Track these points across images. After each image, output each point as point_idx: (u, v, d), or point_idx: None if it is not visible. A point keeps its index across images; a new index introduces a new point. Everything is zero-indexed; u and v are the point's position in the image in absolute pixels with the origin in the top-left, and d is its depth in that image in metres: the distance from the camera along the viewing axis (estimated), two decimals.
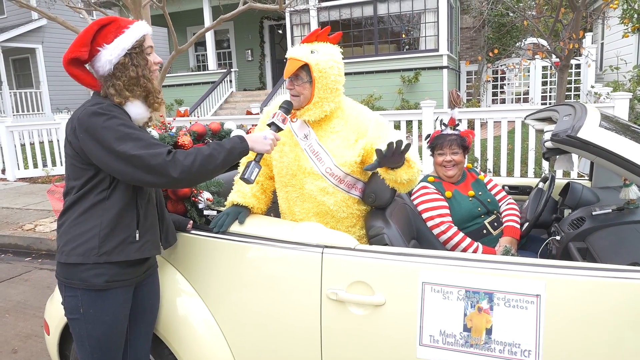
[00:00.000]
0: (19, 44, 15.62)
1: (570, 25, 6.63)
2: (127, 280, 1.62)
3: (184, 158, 1.48)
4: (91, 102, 1.56)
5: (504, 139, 5.78)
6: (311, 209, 1.96)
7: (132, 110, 1.59)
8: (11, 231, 5.61)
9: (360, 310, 1.61)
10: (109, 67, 1.55)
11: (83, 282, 1.55)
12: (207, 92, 13.16)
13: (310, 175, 1.93)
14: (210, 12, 13.62)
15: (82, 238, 1.54)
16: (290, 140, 1.98)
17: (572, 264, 1.47)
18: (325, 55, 1.87)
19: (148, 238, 1.65)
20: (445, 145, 2.45)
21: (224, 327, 1.84)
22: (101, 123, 1.48)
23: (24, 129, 8.85)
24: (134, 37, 1.57)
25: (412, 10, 12.04)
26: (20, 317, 3.62)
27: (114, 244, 1.55)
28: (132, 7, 5.94)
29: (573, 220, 2.08)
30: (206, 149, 1.53)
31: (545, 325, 1.41)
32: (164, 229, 1.79)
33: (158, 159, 1.45)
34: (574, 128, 1.58)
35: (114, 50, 1.54)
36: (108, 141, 1.46)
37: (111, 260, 1.55)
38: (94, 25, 1.57)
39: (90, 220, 1.54)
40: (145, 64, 1.60)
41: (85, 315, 1.58)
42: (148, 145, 1.48)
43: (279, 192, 2.06)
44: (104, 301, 1.58)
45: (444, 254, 1.61)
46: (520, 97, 13.07)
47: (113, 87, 1.56)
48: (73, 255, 1.54)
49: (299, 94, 1.90)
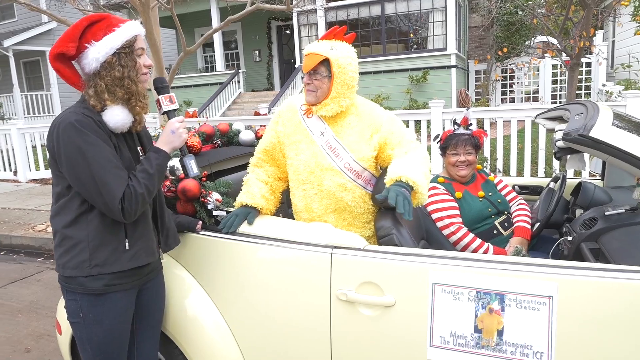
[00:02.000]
0: (29, 46, 15.79)
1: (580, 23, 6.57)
2: (126, 284, 1.60)
3: (129, 206, 1.48)
4: (73, 109, 1.51)
5: (513, 139, 5.74)
6: (329, 205, 1.97)
7: (110, 117, 1.52)
8: (23, 232, 5.67)
9: (370, 311, 1.61)
10: (95, 65, 1.50)
11: (81, 287, 1.54)
12: (215, 93, 13.22)
13: (328, 171, 1.94)
14: (217, 13, 13.67)
15: (73, 252, 1.52)
16: (306, 138, 1.99)
17: (585, 265, 1.45)
18: (344, 52, 1.92)
19: (140, 246, 1.62)
20: (460, 145, 2.42)
21: (233, 327, 1.85)
22: (73, 138, 1.44)
23: (35, 131, 8.95)
24: (124, 36, 1.52)
25: (420, 9, 11.99)
26: (32, 317, 3.66)
27: (105, 255, 1.53)
28: (140, 9, 5.97)
29: (585, 221, 2.05)
30: (139, 186, 1.50)
31: (558, 327, 1.40)
32: (164, 232, 1.76)
33: (111, 200, 1.45)
34: (586, 127, 1.57)
35: (102, 48, 1.48)
36: (75, 159, 1.44)
37: (104, 272, 1.53)
38: (84, 21, 1.51)
39: (77, 232, 1.52)
40: (134, 65, 1.55)
41: (85, 320, 1.57)
42: (109, 176, 1.45)
43: (294, 190, 2.05)
44: (103, 305, 1.56)
45: (454, 255, 1.60)
46: (530, 96, 12.96)
47: (94, 87, 1.51)
48: (68, 268, 1.53)
49: (316, 89, 1.93)
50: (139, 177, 1.52)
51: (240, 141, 2.78)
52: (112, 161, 1.48)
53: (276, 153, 2.10)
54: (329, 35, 1.97)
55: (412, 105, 11.39)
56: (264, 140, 2.13)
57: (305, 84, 1.96)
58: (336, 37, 1.97)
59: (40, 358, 3.06)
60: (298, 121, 2.02)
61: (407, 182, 1.75)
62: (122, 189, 1.46)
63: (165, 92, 1.71)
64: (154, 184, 1.55)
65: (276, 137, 2.08)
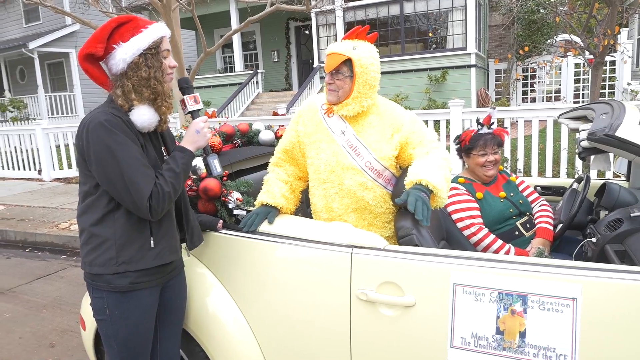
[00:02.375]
0: (53, 48, 16.14)
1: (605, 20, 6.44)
2: (151, 281, 1.63)
3: (156, 204, 1.51)
4: (101, 109, 1.54)
5: (535, 139, 5.65)
6: (350, 204, 1.97)
7: (137, 117, 1.55)
8: (47, 230, 5.80)
9: (390, 311, 1.61)
10: (122, 66, 1.53)
11: (108, 284, 1.57)
12: (234, 94, 13.32)
13: (349, 170, 1.94)
14: (237, 14, 13.78)
15: (100, 249, 1.55)
16: (326, 137, 1.99)
17: (610, 267, 1.42)
18: (366, 52, 1.92)
19: (165, 244, 1.65)
20: (488, 145, 2.40)
21: (253, 326, 1.86)
22: (103, 137, 1.47)
23: (59, 131, 9.14)
24: (151, 37, 1.55)
25: (439, 8, 11.90)
26: (57, 313, 3.75)
27: (131, 253, 1.56)
28: (162, 11, 6.06)
29: (610, 222, 2.01)
30: (166, 185, 1.54)
31: (582, 330, 1.38)
32: (189, 230, 1.79)
33: (140, 198, 1.48)
34: (612, 126, 1.54)
35: (129, 49, 1.52)
36: (104, 158, 1.47)
37: (130, 270, 1.56)
38: (112, 22, 1.55)
39: (104, 230, 1.55)
40: (160, 66, 1.58)
41: (111, 317, 1.60)
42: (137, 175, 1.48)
43: (314, 190, 2.06)
44: (129, 302, 1.60)
45: (475, 255, 1.58)
46: (552, 96, 12.75)
47: (121, 87, 1.54)
48: (95, 266, 1.57)
49: (338, 89, 1.93)
50: (165, 176, 1.55)
51: (260, 141, 2.80)
52: (140, 160, 1.51)
53: (296, 153, 2.10)
54: (351, 34, 1.96)
55: (430, 105, 11.31)
56: (284, 140, 2.14)
57: (327, 84, 1.96)
58: (359, 37, 1.96)
59: (64, 353, 3.13)
60: (319, 120, 2.02)
61: (427, 186, 1.75)
62: (150, 188, 1.49)
63: (189, 92, 1.74)
64: (180, 182, 1.59)
65: (296, 137, 2.09)
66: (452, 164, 1.97)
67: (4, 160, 9.65)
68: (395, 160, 2.00)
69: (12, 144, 9.53)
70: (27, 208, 7.04)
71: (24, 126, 11.00)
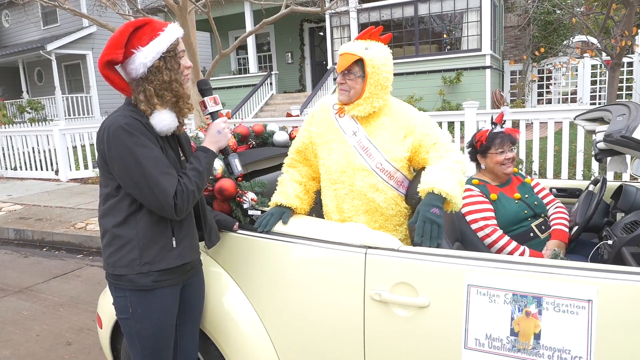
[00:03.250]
0: (71, 50, 16.41)
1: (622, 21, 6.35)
2: (173, 279, 1.65)
3: (181, 202, 1.53)
4: (120, 112, 1.55)
5: (550, 141, 5.60)
6: (360, 206, 1.97)
7: (158, 121, 1.56)
8: (64, 229, 5.89)
9: (404, 311, 1.61)
10: (142, 70, 1.53)
11: (131, 283, 1.59)
12: (248, 95, 13.40)
13: (360, 171, 1.94)
14: (251, 16, 13.86)
15: (123, 250, 1.57)
16: (338, 138, 1.99)
17: (626, 269, 1.41)
18: (379, 53, 1.92)
19: (186, 244, 1.67)
20: (505, 142, 2.40)
21: (268, 325, 1.88)
22: (124, 140, 1.48)
23: (76, 132, 9.28)
24: (169, 40, 1.55)
25: (454, 9, 11.84)
26: (73, 311, 3.80)
27: (154, 253, 1.58)
28: (178, 13, 6.13)
29: (627, 224, 1.99)
30: (190, 183, 1.56)
31: (597, 332, 1.37)
32: (207, 229, 1.81)
33: (165, 197, 1.50)
34: (629, 128, 1.53)
35: (149, 53, 1.51)
36: (127, 161, 1.49)
37: (153, 270, 1.58)
38: (129, 26, 1.53)
39: (127, 232, 1.57)
40: (178, 67, 1.58)
41: (134, 315, 1.62)
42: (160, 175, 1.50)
43: (326, 190, 2.07)
44: (152, 300, 1.62)
45: (490, 257, 1.58)
46: (568, 97, 12.60)
47: (144, 92, 1.54)
48: (118, 267, 1.59)
49: (349, 89, 1.94)
50: (189, 175, 1.58)
51: (275, 142, 2.82)
52: (162, 161, 1.53)
53: (309, 153, 2.11)
54: (364, 35, 1.97)
55: (445, 107, 11.25)
56: (297, 141, 2.16)
57: (339, 84, 1.97)
58: (372, 37, 1.97)
59: (81, 351, 3.18)
60: (331, 121, 2.03)
61: (440, 194, 1.74)
62: (174, 187, 1.51)
63: (209, 93, 1.77)
64: (203, 181, 1.61)
65: (309, 138, 2.10)
66: (467, 167, 1.96)
67: (22, 160, 9.83)
68: (408, 162, 1.99)
69: (29, 144, 9.69)
70: (44, 208, 7.16)
71: (42, 127, 11.19)
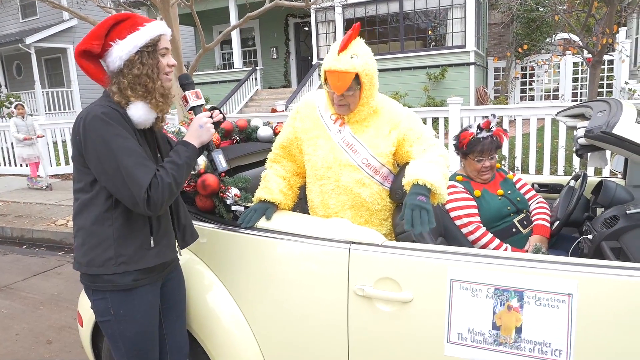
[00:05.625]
0: (51, 44, 16.07)
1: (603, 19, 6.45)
2: (153, 276, 1.62)
3: (155, 195, 1.46)
4: (98, 103, 1.54)
5: (532, 137, 5.67)
6: (346, 201, 1.96)
7: (134, 112, 1.54)
8: (45, 226, 5.79)
9: (388, 306, 1.61)
10: (118, 63, 1.52)
11: (110, 284, 1.55)
12: (232, 90, 13.30)
13: (346, 167, 1.94)
14: (236, 10, 13.75)
15: (98, 249, 1.53)
16: (323, 134, 1.99)
17: (606, 263, 1.43)
18: (365, 56, 1.84)
19: (165, 243, 1.64)
20: (485, 152, 2.37)
21: (251, 321, 1.87)
22: (100, 129, 1.45)
23: (56, 127, 9.13)
24: (148, 35, 1.54)
25: (439, 6, 11.89)
26: (54, 309, 3.75)
27: (131, 252, 1.54)
28: (160, 6, 6.03)
29: (606, 219, 2.02)
30: (167, 176, 1.50)
31: (577, 325, 1.39)
32: (180, 228, 1.77)
33: (138, 189, 1.44)
34: (609, 124, 1.54)
35: (125, 47, 1.51)
36: (101, 150, 1.45)
37: (130, 269, 1.54)
38: (110, 19, 1.54)
39: (102, 229, 1.53)
40: (155, 64, 1.56)
41: (116, 316, 1.58)
42: (135, 167, 1.46)
43: (311, 186, 2.06)
44: (133, 300, 1.58)
45: (472, 251, 1.59)
46: (550, 94, 12.76)
47: (117, 84, 1.53)
48: (93, 266, 1.54)
49: (349, 103, 1.90)
50: (166, 168, 1.53)
51: (259, 137, 2.80)
52: (138, 152, 1.49)
53: (293, 149, 2.10)
54: (346, 44, 1.83)
55: (429, 103, 11.32)
56: (282, 136, 2.14)
57: (338, 103, 1.90)
58: (351, 39, 1.87)
59: (62, 349, 3.13)
60: (316, 117, 2.02)
61: (425, 185, 1.70)
62: (149, 179, 1.46)
63: (190, 88, 1.74)
64: (182, 175, 1.56)
65: (293, 133, 2.08)
66: (450, 161, 1.97)
67: (1, 156, 9.61)
68: (393, 157, 1.99)
69: (8, 140, 9.49)
70: (24, 204, 7.02)
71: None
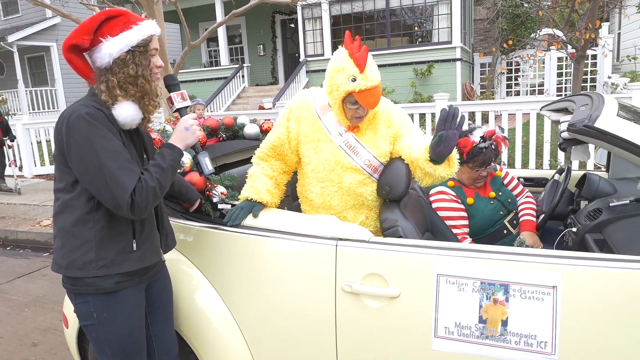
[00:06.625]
0: (33, 42, 15.81)
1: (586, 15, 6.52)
2: (136, 279, 1.59)
3: (140, 199, 1.43)
4: (83, 102, 1.49)
5: (518, 131, 5.72)
6: (349, 201, 1.98)
7: (120, 112, 1.50)
8: (29, 227, 5.71)
9: (375, 302, 1.62)
10: (107, 61, 1.47)
11: (92, 287, 1.51)
12: (219, 88, 13.22)
13: (348, 169, 1.95)
14: (222, 7, 13.65)
15: (78, 252, 1.49)
16: (324, 137, 1.96)
17: (589, 255, 1.45)
18: (371, 61, 1.86)
19: (148, 246, 1.60)
20: (486, 162, 2.31)
21: (239, 319, 1.86)
22: (84, 130, 1.41)
23: (40, 127, 9.00)
24: (140, 34, 1.50)
25: (425, 2, 11.93)
26: (39, 311, 3.70)
27: (112, 255, 1.50)
28: (144, 3, 5.97)
29: (590, 212, 2.05)
30: (152, 180, 1.46)
31: (562, 317, 1.40)
32: (163, 232, 1.74)
33: (121, 193, 1.40)
34: (591, 118, 1.56)
35: (117, 45, 1.46)
36: (84, 152, 1.41)
37: (111, 273, 1.50)
38: (102, 14, 1.49)
39: (84, 232, 1.49)
40: (147, 64, 1.53)
41: (99, 320, 1.54)
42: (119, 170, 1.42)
43: (311, 187, 2.02)
44: (117, 302, 1.54)
45: (458, 246, 1.60)
46: (535, 89, 12.89)
47: (106, 83, 1.49)
48: (72, 269, 1.50)
49: (366, 114, 1.92)
50: (151, 171, 1.49)
51: (245, 135, 2.79)
52: (122, 154, 1.45)
53: (285, 149, 2.04)
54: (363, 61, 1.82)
55: (416, 99, 11.37)
56: (273, 136, 2.07)
57: (357, 116, 1.90)
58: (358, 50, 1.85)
59: (47, 352, 3.09)
60: (314, 119, 1.98)
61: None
62: (134, 183, 1.42)
63: (176, 89, 1.71)
64: (166, 179, 1.52)
65: (286, 134, 2.02)
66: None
67: None
68: (390, 154, 2.02)
69: None
70: (7, 205, 6.92)
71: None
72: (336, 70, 1.85)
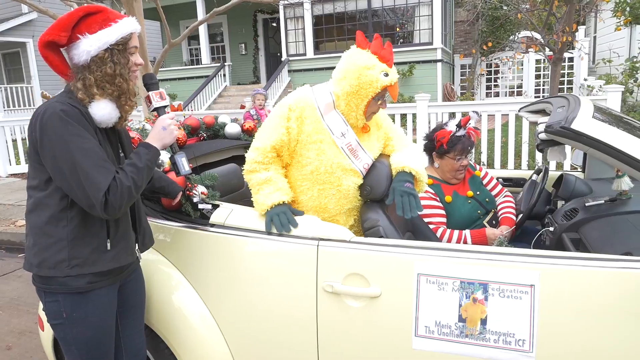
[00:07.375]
0: (9, 38, 15.43)
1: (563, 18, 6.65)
2: (109, 279, 1.55)
3: (114, 199, 1.40)
4: (58, 99, 1.46)
5: (497, 132, 5.80)
6: (345, 204, 1.96)
7: (97, 111, 1.47)
8: (3, 227, 5.58)
9: (356, 302, 1.62)
10: (85, 58, 1.44)
11: (63, 286, 1.47)
12: (200, 87, 13.10)
13: (348, 172, 1.92)
14: (203, 5, 13.53)
15: (51, 250, 1.46)
16: (327, 138, 1.90)
17: (565, 254, 1.48)
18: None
19: (122, 246, 1.57)
20: (465, 149, 2.36)
21: (219, 320, 1.84)
22: (58, 128, 1.38)
23: (16, 124, 8.80)
24: (120, 32, 1.47)
25: (406, 3, 12.02)
26: (14, 314, 3.61)
27: (85, 255, 1.47)
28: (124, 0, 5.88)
29: (566, 212, 2.09)
30: (127, 179, 1.43)
31: (540, 315, 1.43)
32: (141, 232, 1.71)
33: (95, 192, 1.38)
34: (568, 119, 1.59)
35: (95, 42, 1.43)
36: (58, 150, 1.39)
37: (84, 272, 1.47)
38: (80, 11, 1.46)
39: (56, 230, 1.46)
40: (126, 63, 1.50)
41: (69, 320, 1.51)
42: (94, 168, 1.39)
43: (307, 189, 1.95)
44: (88, 303, 1.51)
45: (438, 246, 1.62)
46: (514, 90, 13.10)
47: (83, 80, 1.46)
48: (44, 268, 1.47)
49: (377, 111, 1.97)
50: (126, 171, 1.46)
51: (226, 134, 2.77)
52: (97, 153, 1.42)
53: (284, 150, 1.93)
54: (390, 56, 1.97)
55: (398, 99, 11.42)
56: (272, 138, 1.89)
57: (376, 110, 1.96)
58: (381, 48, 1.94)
59: (22, 355, 3.02)
60: (317, 119, 1.90)
61: (410, 172, 1.87)
62: (108, 182, 1.40)
63: (155, 88, 1.68)
64: (142, 178, 1.49)
65: (287, 135, 1.88)
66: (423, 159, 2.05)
67: None
68: None
69: None
70: None
71: None
72: (366, 68, 1.84)
